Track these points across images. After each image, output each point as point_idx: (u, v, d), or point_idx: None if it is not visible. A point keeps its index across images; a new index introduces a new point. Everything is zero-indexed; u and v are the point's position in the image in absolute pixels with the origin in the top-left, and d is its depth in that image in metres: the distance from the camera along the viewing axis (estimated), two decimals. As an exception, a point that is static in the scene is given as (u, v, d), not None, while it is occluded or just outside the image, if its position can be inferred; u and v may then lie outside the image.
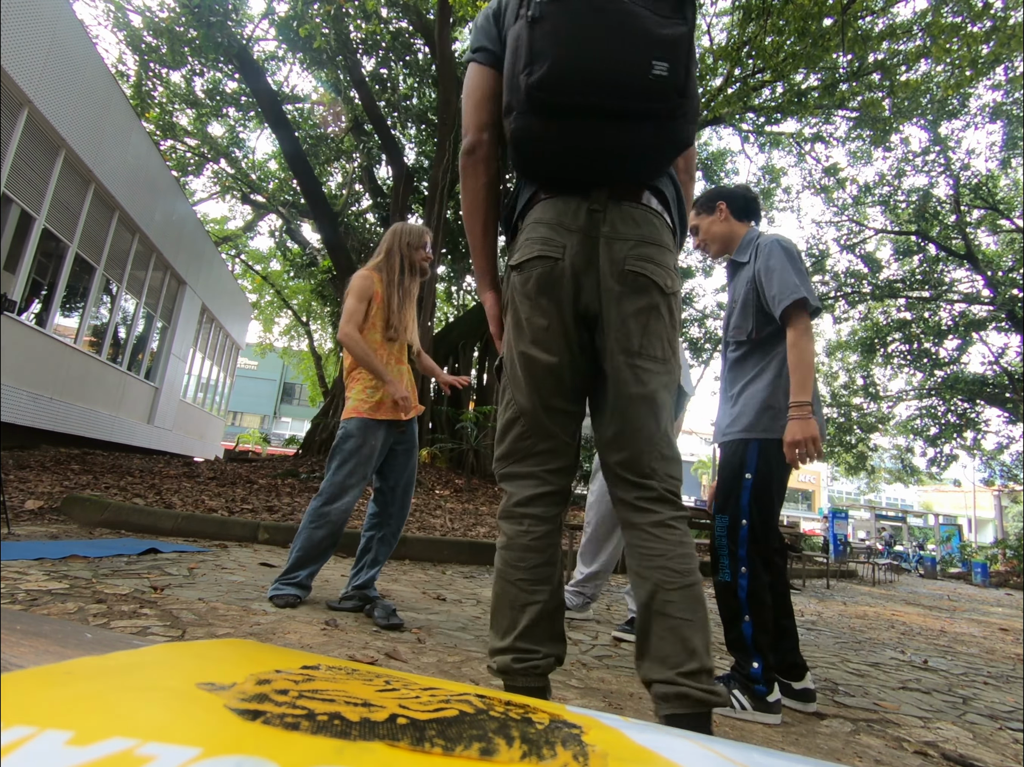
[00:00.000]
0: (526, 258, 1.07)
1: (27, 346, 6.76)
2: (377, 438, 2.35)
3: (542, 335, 1.07)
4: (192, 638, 1.68)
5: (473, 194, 1.15)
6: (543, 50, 0.97)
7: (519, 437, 1.12)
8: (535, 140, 1.03)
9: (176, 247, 10.49)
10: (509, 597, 1.07)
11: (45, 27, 6.16)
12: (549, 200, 1.08)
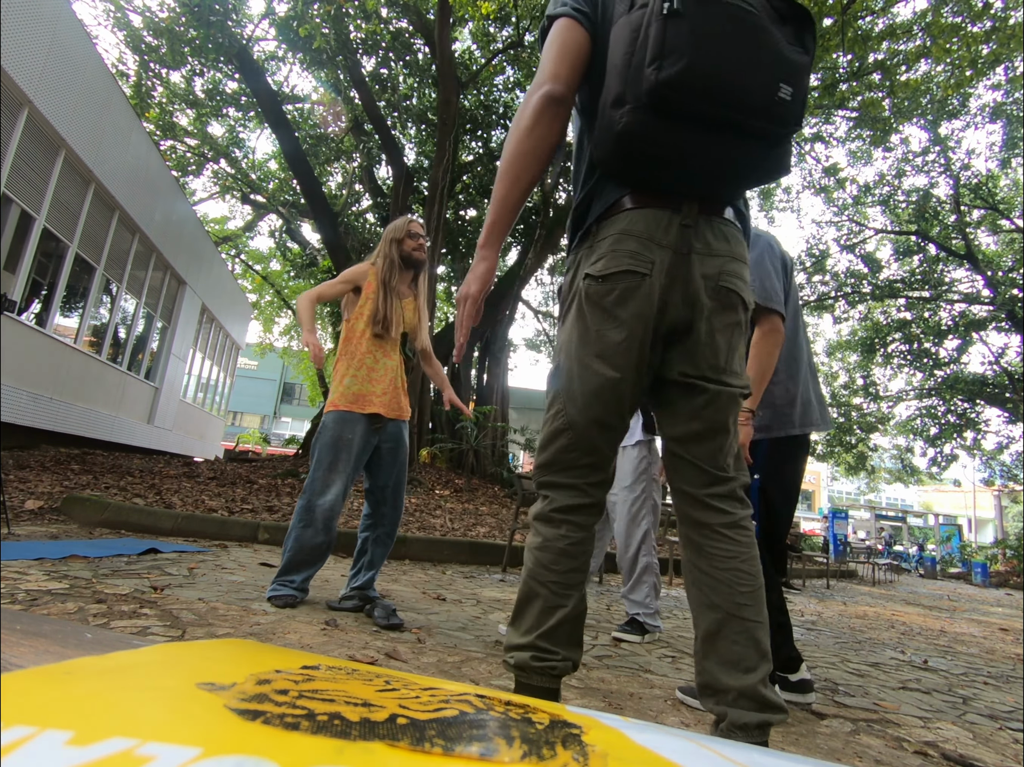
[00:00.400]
0: (612, 271, 1.01)
1: (27, 346, 6.76)
2: (355, 431, 2.29)
3: (612, 350, 1.03)
4: (192, 638, 1.68)
5: (537, 144, 1.02)
6: (678, 48, 0.90)
7: (564, 449, 1.09)
8: (645, 139, 0.95)
9: (176, 247, 10.49)
10: (538, 598, 1.07)
11: (45, 27, 6.16)
12: (638, 211, 1.02)
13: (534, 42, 10.38)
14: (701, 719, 1.59)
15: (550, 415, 1.12)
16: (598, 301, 1.03)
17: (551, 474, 1.12)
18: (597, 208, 1.06)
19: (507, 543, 4.52)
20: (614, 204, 1.04)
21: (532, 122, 1.02)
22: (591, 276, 1.04)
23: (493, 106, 11.69)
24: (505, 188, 1.05)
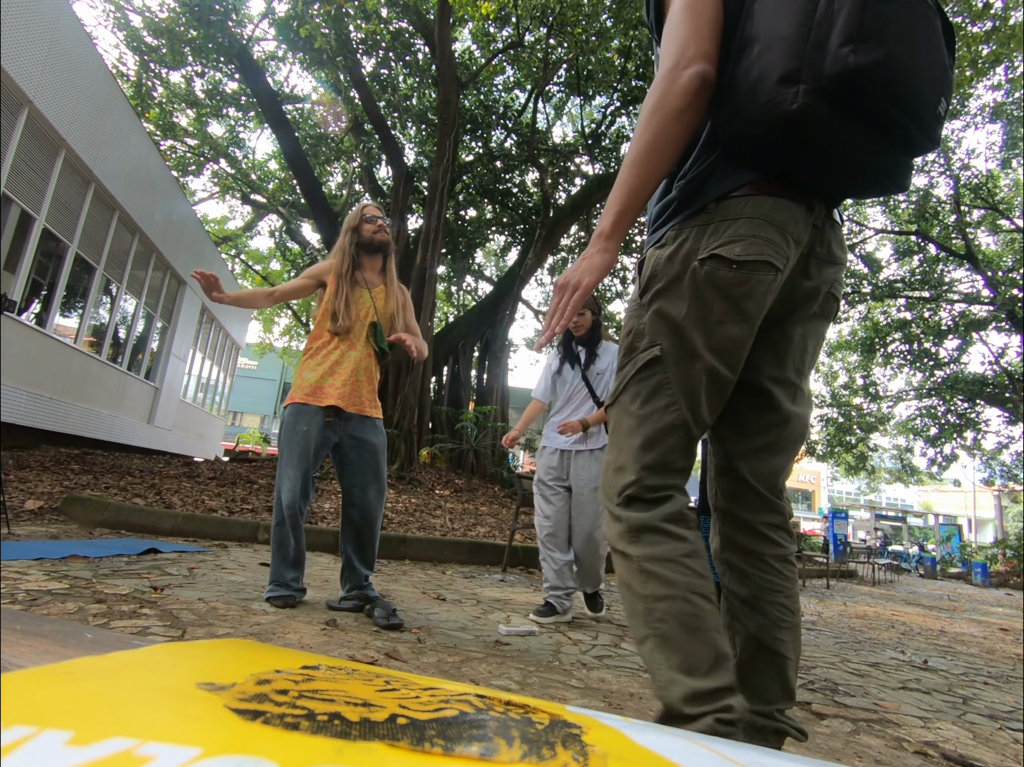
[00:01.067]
0: (752, 258, 0.88)
1: (27, 346, 6.76)
2: (311, 424, 2.24)
3: (730, 347, 0.92)
4: (192, 638, 1.68)
5: (686, 130, 0.90)
6: (878, 34, 0.79)
7: (674, 449, 0.93)
8: (815, 127, 0.83)
9: (176, 247, 10.49)
10: (712, 617, 0.85)
11: (45, 27, 6.16)
12: (774, 200, 0.91)
13: (534, 42, 10.39)
14: (701, 719, 1.59)
15: (657, 407, 0.93)
16: (725, 289, 0.90)
17: (661, 477, 0.94)
18: (716, 186, 0.93)
19: (507, 543, 4.51)
20: (742, 186, 0.92)
21: (684, 104, 0.88)
22: (722, 259, 0.89)
23: (493, 106, 11.69)
24: (643, 176, 0.91)
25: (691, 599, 0.84)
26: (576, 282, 0.94)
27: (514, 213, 13.07)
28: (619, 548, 0.93)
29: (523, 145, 11.60)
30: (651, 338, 0.95)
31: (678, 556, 0.87)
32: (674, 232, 0.95)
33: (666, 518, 0.90)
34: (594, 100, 11.29)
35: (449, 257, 13.00)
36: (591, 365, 2.96)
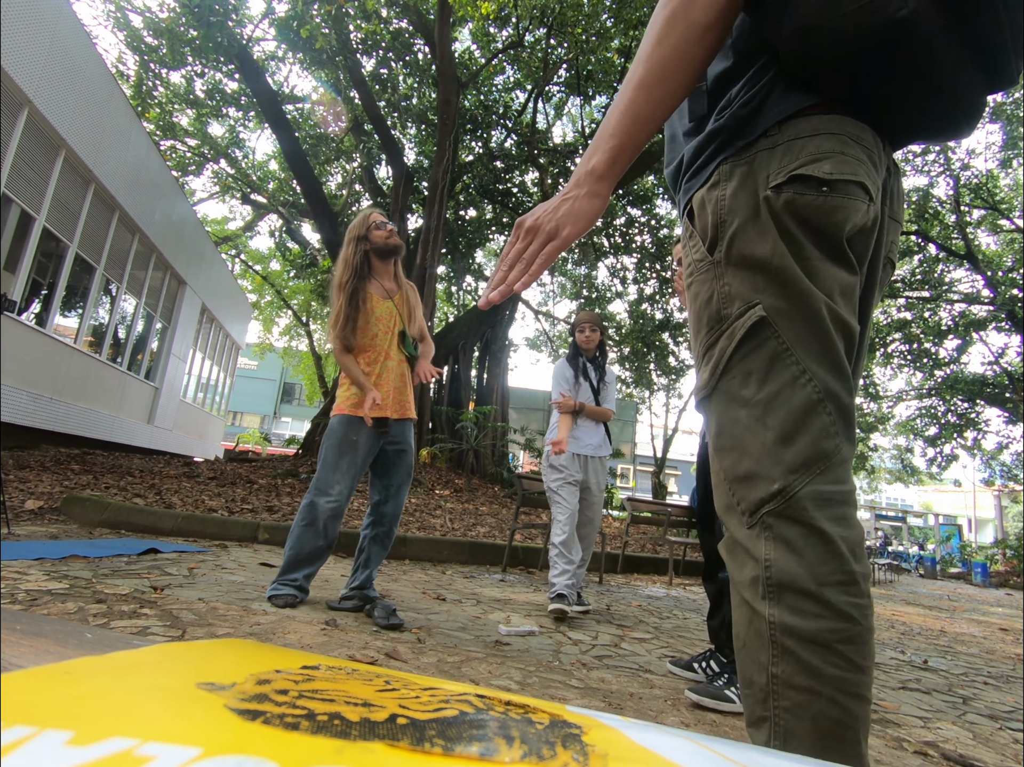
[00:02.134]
0: (844, 176, 0.69)
1: (27, 346, 6.76)
2: (360, 434, 2.31)
3: (840, 290, 0.72)
4: (192, 638, 1.68)
5: (711, 49, 0.71)
6: None
7: (825, 433, 0.68)
8: (917, 40, 0.65)
9: (176, 247, 10.49)
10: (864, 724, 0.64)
11: (45, 27, 6.16)
12: (855, 121, 0.72)
13: (534, 42, 10.40)
14: (701, 719, 1.59)
15: (783, 383, 0.69)
16: (813, 219, 0.70)
17: (816, 478, 0.67)
18: (777, 108, 0.73)
19: (507, 543, 4.52)
20: (812, 107, 0.73)
21: (711, 19, 0.69)
22: (808, 179, 0.69)
23: (493, 106, 11.70)
24: (653, 102, 0.72)
25: (839, 700, 0.62)
26: (553, 228, 0.73)
27: (514, 213, 13.08)
28: (746, 597, 0.69)
29: (523, 145, 11.60)
30: (745, 297, 0.72)
31: (834, 642, 0.63)
32: (729, 165, 0.75)
33: (826, 579, 0.64)
34: (594, 100, 11.30)
35: (449, 257, 13.01)
36: (602, 380, 3.23)
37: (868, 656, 0.64)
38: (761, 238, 0.72)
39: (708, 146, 0.79)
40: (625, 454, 23.17)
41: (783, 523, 0.66)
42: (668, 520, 5.63)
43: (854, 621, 0.63)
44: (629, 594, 4.11)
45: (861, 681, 0.63)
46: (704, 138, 0.79)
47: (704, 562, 2.15)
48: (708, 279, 0.77)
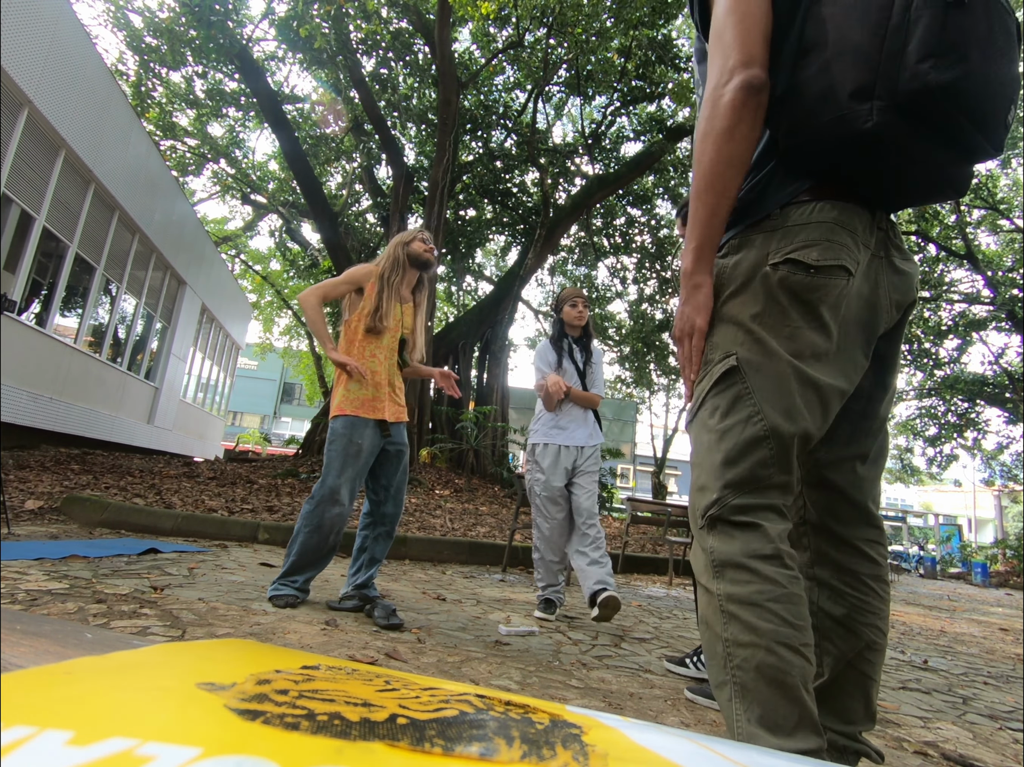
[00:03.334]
0: (828, 262, 0.85)
1: (27, 346, 6.76)
2: (364, 436, 2.31)
3: (812, 352, 0.87)
4: (192, 638, 1.68)
5: (742, 147, 0.86)
6: (958, 48, 0.75)
7: (763, 463, 0.85)
8: (890, 145, 0.81)
9: (176, 247, 10.49)
10: (796, 672, 0.75)
11: (45, 27, 6.16)
12: (842, 204, 0.88)
13: (534, 42, 10.39)
14: (701, 719, 1.59)
15: (738, 419, 0.86)
16: (801, 294, 0.86)
17: (746, 494, 0.85)
18: (778, 193, 0.90)
19: (507, 543, 4.52)
20: (805, 191, 0.89)
21: (732, 121, 0.84)
22: (799, 263, 0.85)
23: (493, 106, 11.69)
24: (711, 205, 0.88)
25: (775, 650, 0.75)
26: (690, 327, 0.93)
27: (514, 213, 13.08)
28: (703, 582, 0.86)
29: (523, 145, 11.60)
30: (725, 348, 0.89)
31: (764, 600, 0.78)
32: (737, 241, 0.92)
33: (754, 554, 0.81)
34: (594, 100, 11.30)
35: (449, 257, 13.00)
36: (588, 362, 3.03)
37: (799, 616, 0.78)
38: (750, 303, 0.88)
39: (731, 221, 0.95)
40: (625, 454, 23.15)
41: (720, 522, 0.85)
42: (668, 520, 5.62)
43: (779, 585, 0.79)
44: (629, 594, 4.11)
45: (792, 634, 0.76)
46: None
47: None
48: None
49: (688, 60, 10.61)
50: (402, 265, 2.49)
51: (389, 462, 2.45)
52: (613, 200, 12.69)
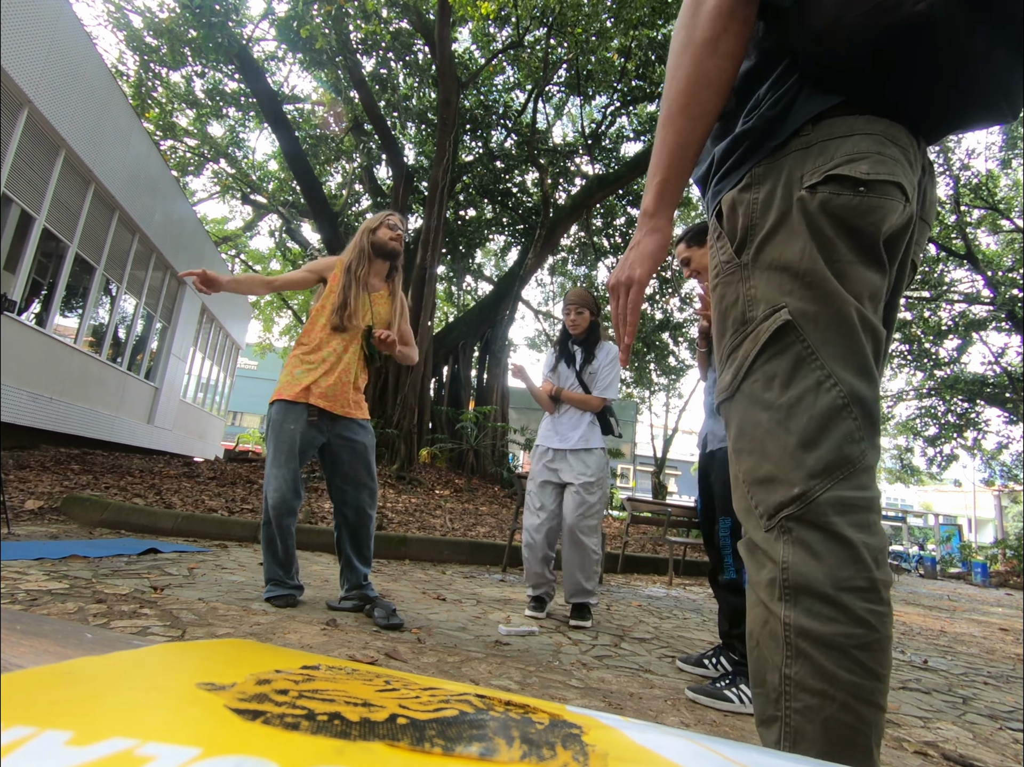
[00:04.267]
0: (881, 176, 0.68)
1: (27, 346, 6.76)
2: (297, 422, 2.22)
3: (869, 292, 0.71)
4: (192, 638, 1.68)
5: (724, 65, 0.73)
6: None
7: (850, 438, 0.67)
8: (937, 33, 0.63)
9: (176, 247, 10.49)
10: (876, 730, 0.63)
11: (45, 27, 6.16)
12: (887, 120, 0.71)
13: (534, 42, 10.40)
14: (701, 719, 1.59)
15: (806, 387, 0.68)
16: (849, 219, 0.69)
17: (837, 484, 0.66)
18: (809, 105, 0.73)
19: (507, 543, 4.51)
20: (840, 106, 0.72)
21: (716, 30, 0.71)
22: (844, 179, 0.68)
23: (493, 106, 11.70)
24: (683, 132, 0.75)
25: (853, 707, 0.62)
26: (627, 278, 0.80)
27: (514, 213, 13.08)
28: (761, 596, 0.69)
29: (523, 145, 11.60)
30: (770, 300, 0.72)
31: (850, 647, 0.62)
32: (761, 168, 0.75)
33: (845, 584, 0.63)
34: (594, 100, 11.30)
35: (449, 257, 13.01)
36: (587, 365, 2.90)
37: (885, 664, 0.64)
38: (791, 240, 0.71)
39: (738, 148, 0.79)
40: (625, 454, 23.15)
41: (802, 527, 0.66)
42: (668, 520, 5.62)
43: (872, 628, 0.63)
44: (629, 594, 4.11)
45: (876, 688, 0.63)
46: (733, 140, 0.80)
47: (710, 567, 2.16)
48: (734, 281, 0.76)
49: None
50: (367, 255, 2.39)
51: (338, 459, 2.33)
52: (613, 200, 12.69)
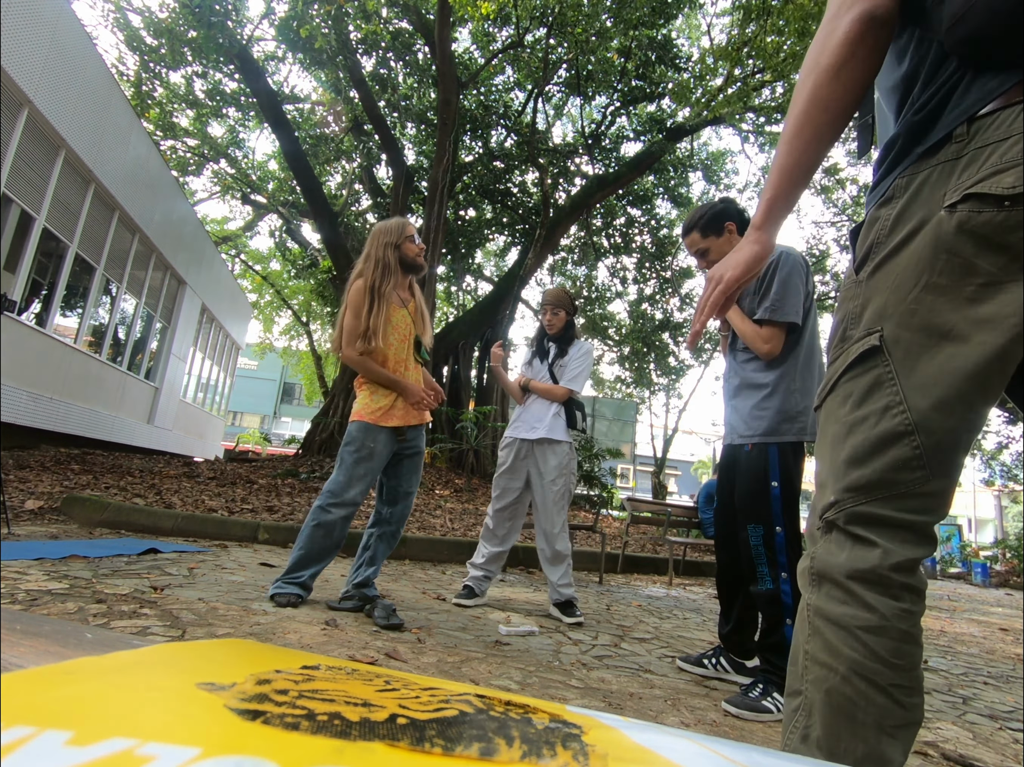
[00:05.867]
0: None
1: (27, 346, 6.76)
2: (378, 442, 2.35)
3: (999, 319, 0.65)
4: (192, 638, 1.68)
5: (849, 88, 0.71)
6: None
7: (904, 464, 0.69)
8: None
9: (176, 247, 10.49)
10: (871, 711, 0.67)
11: (45, 27, 6.16)
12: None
13: (534, 42, 10.40)
14: (701, 719, 1.59)
15: (872, 410, 0.71)
16: (990, 237, 0.64)
17: (876, 502, 0.71)
18: (960, 103, 0.67)
19: (507, 543, 4.51)
20: (1001, 95, 0.65)
21: (843, 58, 0.70)
22: (984, 197, 0.63)
23: (493, 106, 11.70)
24: (795, 153, 0.75)
25: (852, 681, 0.68)
26: (719, 276, 0.85)
27: (514, 213, 13.08)
28: (801, 583, 0.78)
29: (523, 145, 11.60)
30: (870, 322, 0.73)
31: (855, 627, 0.69)
32: (905, 180, 0.72)
33: (856, 573, 0.69)
34: (594, 100, 11.30)
35: (449, 257, 13.00)
36: (558, 359, 3.01)
37: (898, 655, 0.68)
38: (913, 264, 0.69)
39: (886, 157, 0.77)
40: (625, 454, 23.16)
41: (836, 529, 0.74)
42: (668, 520, 5.62)
43: (881, 616, 0.68)
44: (629, 594, 4.11)
45: (881, 671, 0.67)
46: (883, 149, 0.79)
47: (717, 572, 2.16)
48: (848, 298, 0.79)
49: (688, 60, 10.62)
50: (393, 271, 2.38)
51: (403, 465, 2.48)
52: (613, 200, 12.69)
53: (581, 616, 2.75)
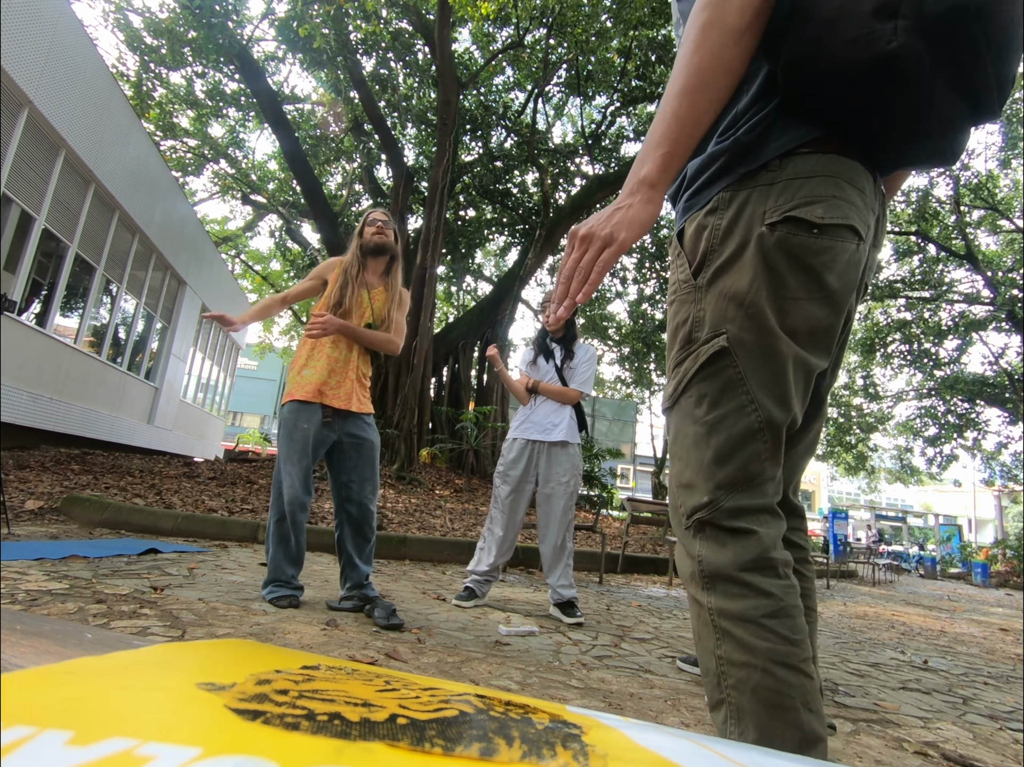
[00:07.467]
0: (835, 221, 0.74)
1: (27, 346, 6.76)
2: (310, 421, 2.27)
3: (809, 328, 0.77)
4: (192, 638, 1.68)
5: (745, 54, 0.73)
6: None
7: (756, 458, 0.77)
8: (905, 72, 0.68)
9: (176, 247, 10.49)
10: (795, 693, 0.69)
11: (45, 27, 6.16)
12: (849, 161, 0.76)
13: (534, 42, 10.40)
14: (701, 719, 1.59)
15: (729, 410, 0.77)
16: (803, 258, 0.75)
17: (739, 494, 0.76)
18: (779, 140, 0.77)
19: (507, 543, 4.51)
20: (808, 143, 0.76)
21: (745, 22, 0.71)
22: (800, 222, 0.74)
23: (493, 106, 11.70)
24: (697, 108, 0.73)
25: (772, 671, 0.69)
26: (608, 235, 0.74)
27: (514, 213, 13.08)
28: (690, 591, 0.79)
29: (523, 145, 11.61)
30: (714, 325, 0.78)
31: (759, 617, 0.71)
32: (729, 194, 0.79)
33: (746, 565, 0.73)
34: (594, 100, 11.30)
35: (449, 257, 13.01)
36: (568, 361, 2.94)
37: (796, 630, 0.71)
38: (743, 271, 0.77)
39: (710, 167, 0.83)
40: (625, 454, 23.16)
41: (710, 527, 0.77)
42: (668, 520, 5.62)
43: (775, 598, 0.72)
44: (629, 594, 4.11)
45: (791, 652, 0.70)
46: (706, 158, 0.83)
47: None
48: (687, 301, 0.83)
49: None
50: (357, 257, 2.49)
51: (346, 456, 2.37)
52: (613, 200, 12.68)
53: (581, 616, 2.75)
